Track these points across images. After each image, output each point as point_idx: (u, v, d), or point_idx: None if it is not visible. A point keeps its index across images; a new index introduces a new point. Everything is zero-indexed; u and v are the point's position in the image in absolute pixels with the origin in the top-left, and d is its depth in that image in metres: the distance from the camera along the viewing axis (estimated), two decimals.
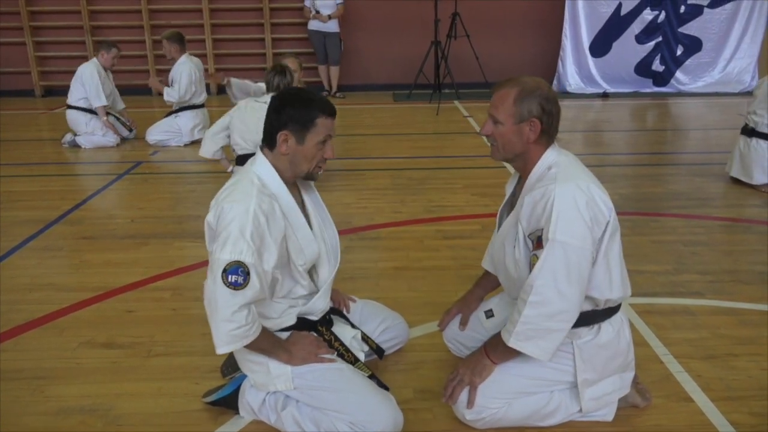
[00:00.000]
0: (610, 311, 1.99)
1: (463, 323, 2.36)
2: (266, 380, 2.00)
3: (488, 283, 2.40)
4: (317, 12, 8.74)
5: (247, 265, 1.76)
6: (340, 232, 3.85)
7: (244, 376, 2.12)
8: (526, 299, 1.83)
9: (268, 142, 1.95)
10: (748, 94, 9.03)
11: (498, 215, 2.18)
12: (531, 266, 1.85)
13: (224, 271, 1.75)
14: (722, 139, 6.45)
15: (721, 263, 3.33)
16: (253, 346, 1.89)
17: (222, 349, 1.83)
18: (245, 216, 1.78)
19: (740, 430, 2.06)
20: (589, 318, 1.96)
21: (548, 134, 1.91)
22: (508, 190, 2.17)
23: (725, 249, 3.52)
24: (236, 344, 1.82)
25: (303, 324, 2.08)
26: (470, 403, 1.98)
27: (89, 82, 6.06)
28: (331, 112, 1.92)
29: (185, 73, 6.09)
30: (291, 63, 4.70)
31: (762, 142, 4.52)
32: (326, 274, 2.11)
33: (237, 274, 1.75)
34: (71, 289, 3.13)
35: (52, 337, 2.68)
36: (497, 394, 1.96)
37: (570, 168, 1.89)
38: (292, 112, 1.89)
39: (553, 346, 1.87)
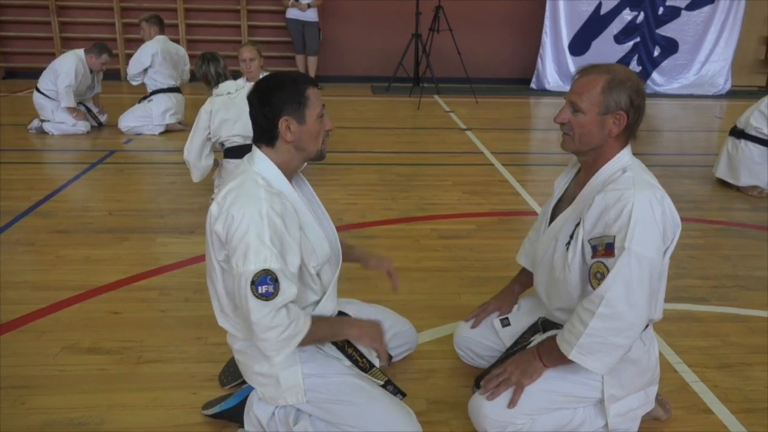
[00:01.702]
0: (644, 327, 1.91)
1: (504, 312, 2.24)
2: (276, 393, 1.86)
3: (526, 280, 2.27)
4: (296, 0, 8.53)
5: (275, 271, 1.63)
6: None
7: (250, 388, 1.98)
8: (594, 311, 1.69)
9: (266, 138, 1.80)
10: (721, 97, 9.20)
11: (546, 210, 2.04)
12: (591, 274, 1.73)
13: (252, 283, 1.62)
14: (702, 141, 6.54)
15: (721, 268, 3.31)
16: (312, 339, 1.78)
17: (278, 358, 1.72)
18: (260, 221, 1.64)
19: None
20: None
21: (631, 131, 1.79)
22: (559, 185, 2.04)
23: (723, 253, 3.50)
24: (291, 346, 1.71)
25: None
26: (513, 403, 1.85)
27: (63, 80, 5.71)
28: (314, 83, 1.82)
29: (144, 50, 5.91)
30: (249, 51, 4.48)
31: (750, 144, 4.53)
32: (330, 275, 1.98)
33: (266, 283, 1.63)
34: (49, 288, 2.92)
35: (30, 342, 2.48)
36: (524, 409, 1.86)
37: (645, 174, 1.78)
38: (282, 96, 1.75)
39: (614, 362, 1.76)
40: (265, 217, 1.65)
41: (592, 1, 9.02)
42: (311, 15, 8.67)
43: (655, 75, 9.40)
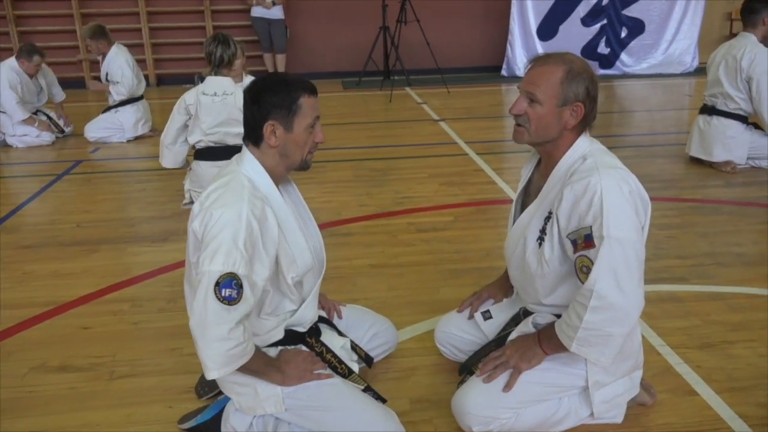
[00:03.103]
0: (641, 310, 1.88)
1: (498, 300, 2.20)
2: (254, 403, 1.80)
3: None
4: None
5: (241, 277, 1.56)
6: None
7: (227, 399, 1.91)
8: (586, 304, 1.64)
9: (253, 138, 1.74)
10: (690, 74, 9.27)
11: (514, 203, 2.01)
12: (578, 269, 1.69)
13: (217, 284, 1.54)
14: (669, 120, 6.57)
15: (699, 246, 3.31)
16: (244, 368, 1.68)
17: (215, 373, 1.60)
18: (238, 222, 1.57)
19: (750, 423, 1.99)
20: None
21: (587, 121, 1.76)
22: (524, 174, 2.00)
23: (699, 231, 3.50)
24: (232, 365, 1.61)
25: (291, 336, 1.88)
26: (508, 386, 1.82)
27: (5, 99, 5.50)
28: (312, 90, 1.74)
29: (124, 65, 5.70)
30: None
31: (722, 119, 4.55)
32: (312, 281, 1.92)
33: (230, 287, 1.55)
34: (15, 306, 2.82)
35: None
36: (508, 403, 1.82)
37: (606, 157, 1.75)
38: (273, 99, 1.69)
39: (615, 351, 1.72)
40: (244, 219, 1.59)
41: None
42: (277, 12, 8.56)
43: (623, 56, 9.44)
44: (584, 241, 1.66)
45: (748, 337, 2.46)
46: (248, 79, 4.61)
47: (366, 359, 2.17)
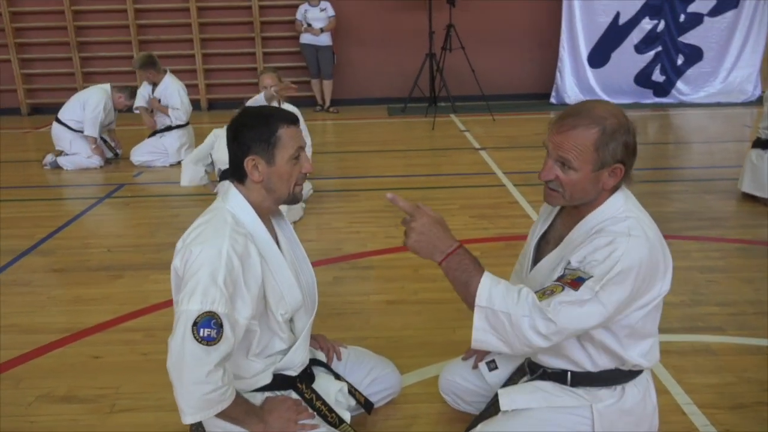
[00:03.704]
0: (635, 372, 1.74)
1: (475, 365, 2.07)
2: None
3: None
4: (309, 25, 8.54)
5: (220, 315, 1.51)
6: (329, 261, 3.65)
7: None
8: (531, 316, 1.50)
9: (237, 175, 1.72)
10: (751, 104, 8.85)
11: (529, 244, 1.88)
12: (548, 288, 1.55)
13: (195, 324, 1.50)
14: (727, 153, 6.24)
15: (742, 293, 3.08)
16: (223, 414, 1.62)
17: (190, 418, 1.55)
18: (217, 259, 1.54)
19: None
20: (612, 378, 1.72)
21: (628, 176, 1.62)
22: (543, 215, 1.87)
23: (744, 276, 3.26)
24: (210, 410, 1.55)
25: (280, 381, 1.82)
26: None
27: (91, 111, 5.83)
28: (291, 120, 1.70)
29: (180, 91, 5.97)
30: (270, 78, 4.46)
31: None
32: (304, 322, 1.86)
33: (209, 327, 1.50)
34: (35, 331, 2.86)
35: (7, 390, 2.41)
36: None
37: (642, 224, 1.60)
38: (251, 134, 1.66)
39: (492, 345, 1.58)
40: (224, 256, 1.55)
41: (610, 11, 8.81)
42: (325, 39, 8.66)
43: (679, 84, 9.10)
44: (574, 280, 1.54)
45: None
46: (285, 107, 4.65)
47: (365, 405, 2.08)
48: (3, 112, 9.14)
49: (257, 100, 4.33)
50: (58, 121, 5.95)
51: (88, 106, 5.84)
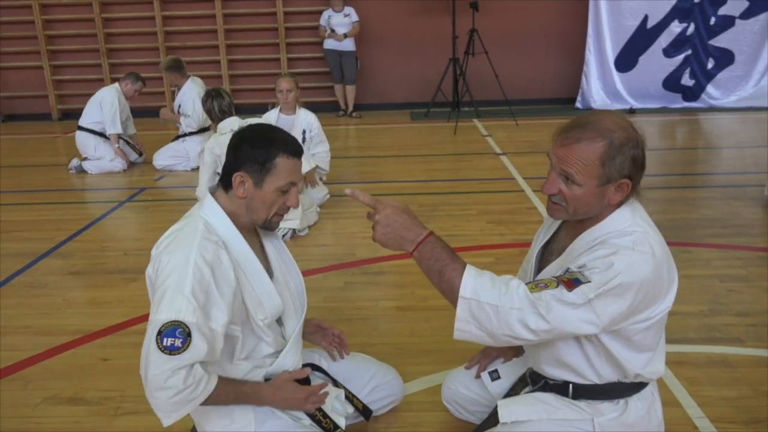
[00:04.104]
0: (640, 384, 1.68)
1: (508, 359, 2.03)
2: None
3: None
4: (332, 31, 8.58)
5: (188, 325, 1.51)
6: (342, 266, 3.64)
7: None
8: (524, 304, 1.46)
9: (225, 182, 1.71)
10: None
11: (532, 252, 1.83)
12: (543, 281, 1.50)
13: (159, 333, 1.50)
14: (758, 158, 6.05)
15: (763, 303, 2.97)
16: (214, 403, 1.64)
17: (167, 420, 1.57)
18: (184, 268, 1.53)
19: None
20: (615, 391, 1.66)
21: (636, 192, 1.56)
22: (546, 224, 1.82)
23: (766, 286, 3.15)
24: (184, 409, 1.56)
25: None
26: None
27: (108, 108, 5.98)
28: (294, 152, 1.68)
29: (195, 99, 5.95)
30: (286, 83, 4.48)
31: None
32: (293, 325, 1.85)
33: (174, 336, 1.50)
34: (48, 333, 2.91)
35: (16, 391, 2.45)
36: None
37: (648, 236, 1.54)
38: (249, 151, 1.65)
39: (472, 335, 1.54)
40: (191, 264, 1.54)
41: (638, 15, 8.66)
42: (348, 45, 8.68)
43: (710, 88, 8.88)
44: (572, 280, 1.48)
45: None
46: (302, 112, 4.66)
47: (363, 411, 2.06)
48: (35, 117, 9.37)
49: (268, 116, 4.36)
50: (81, 128, 6.10)
51: (104, 104, 5.99)
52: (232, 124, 3.96)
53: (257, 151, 1.64)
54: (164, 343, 1.49)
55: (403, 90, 9.36)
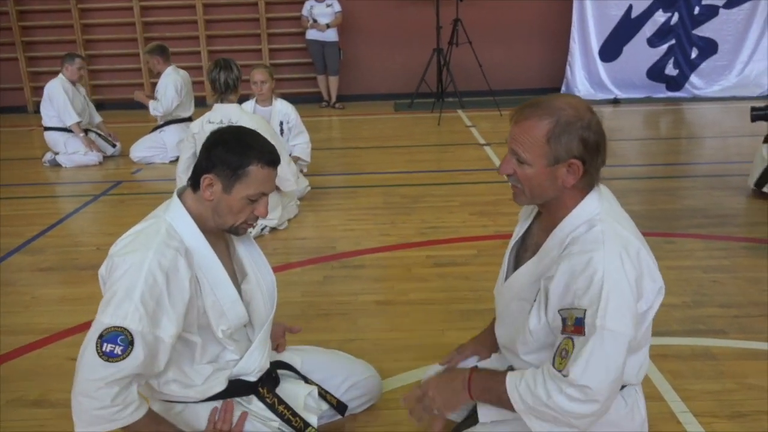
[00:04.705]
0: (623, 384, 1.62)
1: (483, 357, 1.95)
2: None
3: None
4: (315, 21, 8.45)
5: (132, 332, 1.42)
6: (321, 259, 3.56)
7: None
8: (563, 390, 1.39)
9: (194, 181, 1.62)
10: (767, 98, 8.60)
11: (508, 252, 1.76)
12: (558, 350, 1.44)
13: (101, 336, 1.42)
14: (740, 148, 6.04)
15: (747, 294, 2.94)
16: (135, 430, 1.53)
17: (80, 430, 1.47)
18: (137, 272, 1.45)
19: None
20: None
21: (591, 175, 1.49)
22: (522, 219, 1.76)
23: (750, 276, 3.12)
24: (100, 427, 1.46)
25: (238, 387, 1.73)
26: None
27: (57, 100, 5.79)
28: (270, 162, 1.59)
29: (170, 85, 5.83)
30: (260, 74, 4.40)
31: None
32: (260, 326, 1.76)
33: (115, 342, 1.42)
34: (14, 332, 2.80)
35: None
36: None
37: (616, 225, 1.48)
38: (223, 154, 1.56)
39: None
40: (145, 270, 1.46)
41: (622, 4, 8.62)
42: (331, 35, 8.56)
43: (693, 78, 8.88)
44: (574, 324, 1.42)
45: None
46: (278, 103, 4.56)
47: (338, 407, 1.99)
48: (10, 110, 9.16)
49: (245, 106, 4.23)
50: (46, 128, 5.94)
51: (52, 97, 5.81)
52: (228, 114, 3.76)
53: (231, 156, 1.56)
54: (104, 348, 1.42)
55: (387, 81, 9.27)
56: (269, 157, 1.59)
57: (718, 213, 4.06)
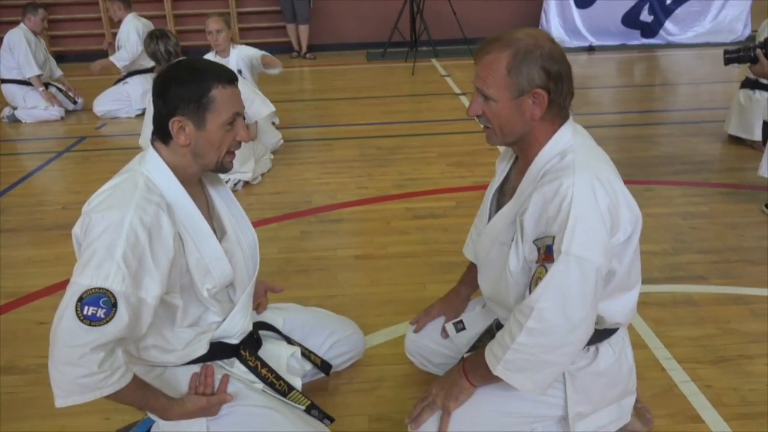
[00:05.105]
0: (611, 330, 1.60)
1: (443, 330, 1.93)
2: (175, 428, 1.58)
3: (475, 280, 1.88)
4: None
5: (114, 293, 1.32)
6: (297, 214, 3.47)
7: None
8: (523, 323, 1.39)
9: (161, 134, 1.50)
10: (741, 43, 8.59)
11: (486, 198, 1.72)
12: (533, 280, 1.41)
13: (80, 299, 1.31)
14: (715, 94, 6.05)
15: (725, 239, 2.95)
16: (116, 399, 1.44)
17: (62, 401, 1.36)
18: (118, 230, 1.34)
19: None
20: None
21: (558, 105, 1.45)
22: (500, 167, 1.71)
23: (728, 222, 3.13)
24: (84, 396, 1.35)
25: (220, 350, 1.66)
26: (441, 431, 1.58)
27: (18, 50, 5.50)
28: (229, 80, 1.48)
29: (132, 31, 5.56)
30: (215, 23, 4.16)
31: (766, 93, 4.10)
32: (243, 288, 1.68)
33: (97, 305, 1.31)
34: None
35: None
36: None
37: (589, 155, 1.45)
38: (179, 91, 1.44)
39: (548, 381, 1.47)
40: (126, 227, 1.35)
41: None
42: None
43: (668, 24, 8.80)
44: (545, 252, 1.39)
45: None
46: (234, 52, 4.34)
47: (322, 366, 1.94)
48: None
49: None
50: (3, 80, 5.65)
51: (14, 48, 5.52)
52: None
53: (188, 89, 1.43)
54: (84, 312, 1.31)
55: (359, 30, 9.01)
56: (226, 75, 1.48)
57: (694, 159, 4.06)
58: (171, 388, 1.61)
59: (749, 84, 4.22)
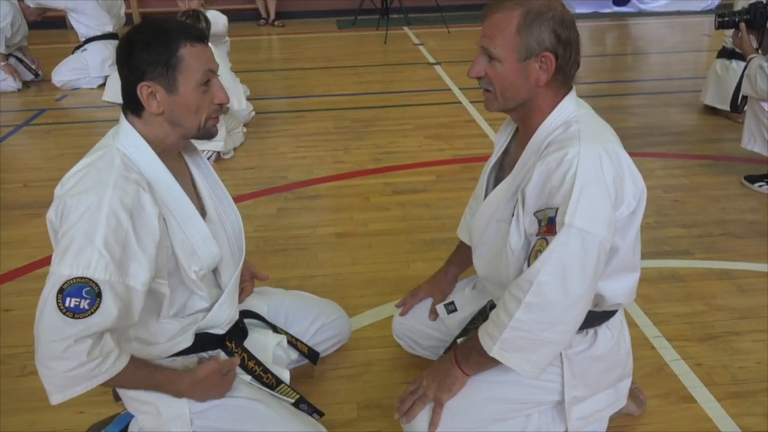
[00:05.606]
0: (610, 313, 1.55)
1: (432, 311, 1.88)
2: (157, 424, 1.50)
3: (465, 260, 1.86)
4: None
5: (98, 282, 1.21)
6: (273, 190, 3.35)
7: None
8: (521, 298, 1.32)
9: (131, 105, 1.38)
10: (711, 12, 8.61)
11: (483, 174, 1.65)
12: (533, 253, 1.34)
13: (60, 290, 1.20)
14: (686, 63, 6.05)
15: (707, 212, 2.94)
16: (120, 386, 1.36)
17: (57, 397, 1.28)
18: (96, 213, 1.23)
19: None
20: (583, 321, 1.52)
21: (564, 73, 1.38)
22: (498, 142, 1.64)
23: (709, 194, 3.12)
24: (77, 388, 1.27)
25: (205, 341, 1.57)
26: (433, 424, 1.52)
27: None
28: (197, 37, 1.35)
29: None
30: None
31: (743, 63, 4.08)
32: (230, 273, 1.59)
33: (80, 296, 1.20)
34: None
35: None
36: (463, 424, 1.52)
37: (594, 126, 1.38)
38: (144, 55, 1.31)
39: (546, 361, 1.41)
40: (105, 210, 1.23)
41: None
42: None
43: None
44: (547, 224, 1.32)
45: (758, 327, 2.14)
46: (210, 13, 4.15)
47: (309, 355, 1.87)
48: None
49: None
50: None
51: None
52: None
53: (154, 50, 1.31)
54: (66, 304, 1.20)
55: None
56: (193, 32, 1.36)
57: (672, 131, 4.04)
58: None
59: (726, 54, 4.20)
